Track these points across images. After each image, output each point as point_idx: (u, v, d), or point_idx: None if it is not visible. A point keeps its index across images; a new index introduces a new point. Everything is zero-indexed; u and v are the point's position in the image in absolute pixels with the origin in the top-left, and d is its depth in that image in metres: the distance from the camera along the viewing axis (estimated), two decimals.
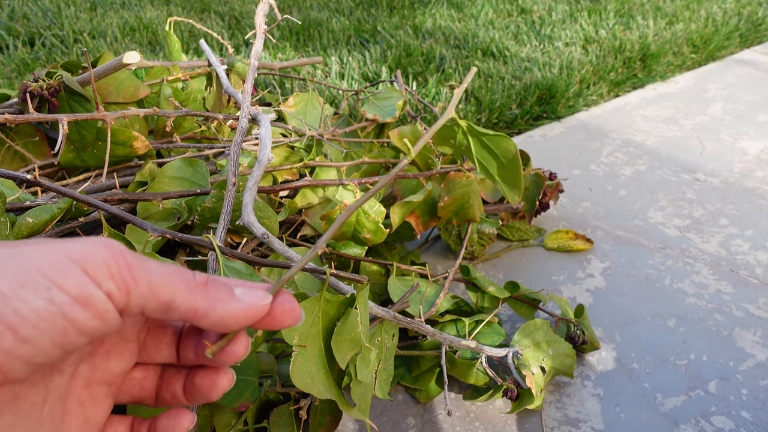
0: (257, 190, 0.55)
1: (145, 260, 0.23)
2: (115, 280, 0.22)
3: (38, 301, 0.20)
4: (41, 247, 0.22)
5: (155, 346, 0.28)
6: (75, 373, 0.25)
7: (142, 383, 0.28)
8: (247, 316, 0.25)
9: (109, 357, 0.26)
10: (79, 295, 0.21)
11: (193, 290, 0.24)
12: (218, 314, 0.24)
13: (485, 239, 0.88)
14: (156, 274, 0.23)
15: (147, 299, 0.23)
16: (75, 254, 0.21)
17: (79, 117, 0.64)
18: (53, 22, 1.72)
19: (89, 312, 0.21)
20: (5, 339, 0.19)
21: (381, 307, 0.55)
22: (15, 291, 0.20)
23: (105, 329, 0.22)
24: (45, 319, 0.20)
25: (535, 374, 0.63)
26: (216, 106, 0.88)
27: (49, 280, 0.20)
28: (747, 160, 1.17)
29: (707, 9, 1.96)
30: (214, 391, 0.28)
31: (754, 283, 0.84)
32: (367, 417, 0.51)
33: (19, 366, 0.20)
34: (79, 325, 0.21)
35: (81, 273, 0.21)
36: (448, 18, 1.87)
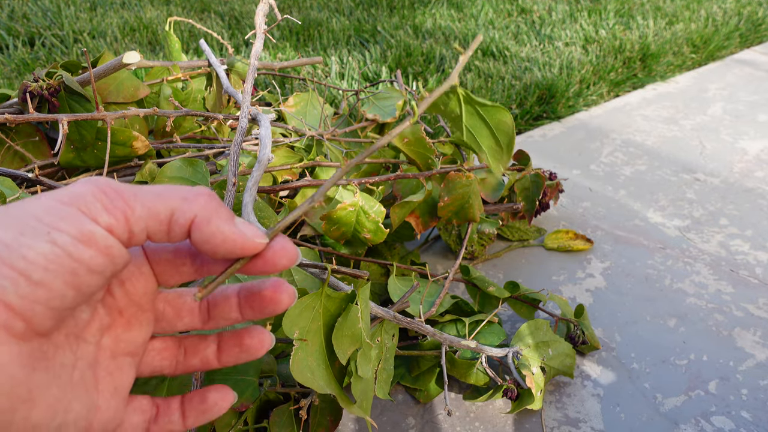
0: (257, 190, 0.55)
1: (135, 186, 0.23)
2: (110, 211, 0.22)
3: (42, 245, 0.20)
4: (32, 199, 0.22)
5: (176, 314, 0.28)
6: (100, 344, 0.26)
7: (162, 353, 0.29)
8: (237, 244, 0.24)
9: (130, 327, 0.27)
10: (79, 234, 0.21)
11: (191, 200, 0.24)
12: (211, 229, 0.24)
13: (485, 239, 0.88)
14: (149, 194, 0.23)
15: (147, 221, 0.23)
16: (65, 197, 0.22)
17: (79, 117, 0.64)
18: (53, 22, 1.72)
19: (93, 249, 0.21)
20: (20, 284, 0.20)
21: (381, 307, 0.55)
22: (17, 239, 0.20)
23: (113, 265, 0.23)
24: (53, 261, 0.20)
25: (535, 374, 0.63)
26: (216, 106, 0.88)
27: (47, 225, 0.21)
28: (747, 160, 1.17)
29: (707, 9, 1.96)
30: (262, 348, 0.28)
31: (754, 283, 0.84)
32: (369, 414, 0.51)
33: (40, 311, 0.21)
34: (87, 263, 0.21)
35: (77, 212, 0.21)
36: (448, 18, 1.87)
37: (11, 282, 0.20)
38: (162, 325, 0.28)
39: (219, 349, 0.29)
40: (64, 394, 0.23)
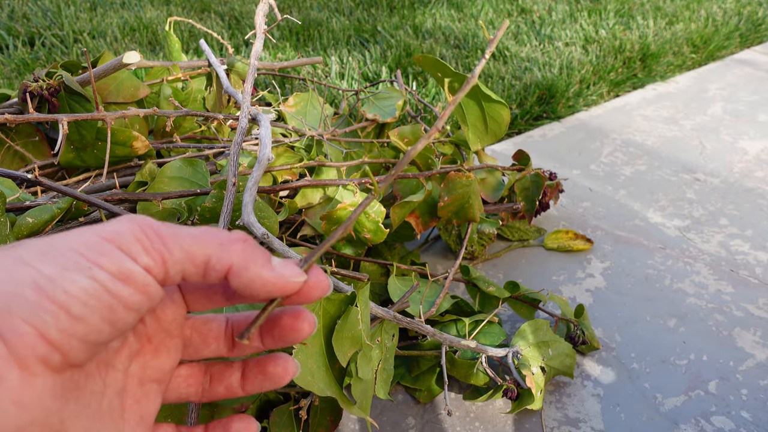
0: (257, 190, 0.55)
1: (174, 227, 0.24)
2: (149, 253, 0.22)
3: (84, 281, 0.21)
4: (75, 232, 0.22)
5: (202, 341, 0.28)
6: (128, 371, 0.26)
7: (188, 380, 0.29)
8: (277, 287, 0.25)
9: (158, 354, 0.27)
10: (118, 271, 0.22)
11: (227, 247, 0.24)
12: (249, 276, 0.24)
13: (485, 239, 0.88)
14: (187, 238, 0.23)
15: (184, 264, 0.23)
16: (107, 234, 0.22)
17: (79, 117, 0.64)
18: (53, 22, 1.72)
19: (131, 287, 0.22)
20: (60, 318, 0.20)
21: (381, 307, 0.55)
22: (60, 274, 0.21)
23: (149, 302, 0.23)
24: (92, 296, 0.21)
25: (535, 374, 0.63)
26: (216, 106, 0.88)
27: (89, 261, 0.21)
28: (747, 160, 1.17)
29: (707, 9, 1.96)
30: (286, 376, 0.28)
31: (754, 283, 0.84)
32: (368, 415, 0.51)
33: (76, 345, 0.21)
34: (125, 300, 0.22)
35: (117, 250, 0.22)
36: (448, 18, 1.87)
37: (52, 316, 0.20)
38: (189, 352, 0.28)
39: (243, 377, 0.29)
40: (92, 424, 0.24)
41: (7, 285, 0.20)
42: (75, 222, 0.59)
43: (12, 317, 0.20)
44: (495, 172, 0.89)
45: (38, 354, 0.20)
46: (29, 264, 0.21)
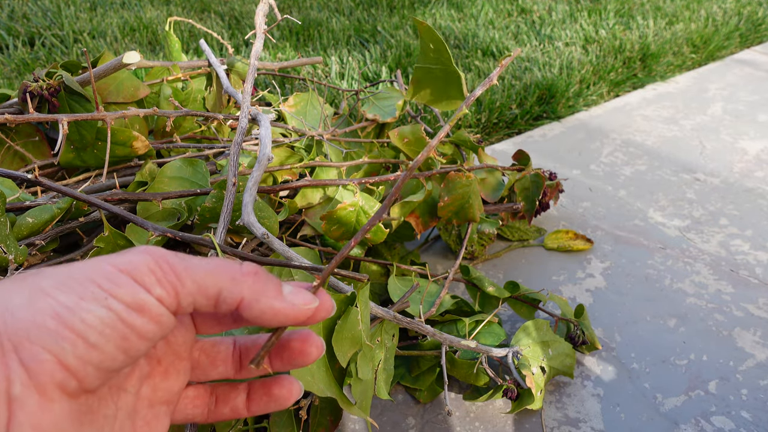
0: (257, 190, 0.55)
1: (188, 259, 0.25)
2: (162, 284, 0.23)
3: (100, 310, 0.22)
4: (92, 263, 0.23)
5: (210, 363, 0.29)
6: (139, 394, 0.27)
7: (194, 401, 0.29)
8: (288, 317, 0.25)
9: (168, 376, 0.27)
10: (133, 302, 0.22)
11: (239, 281, 0.25)
12: (261, 307, 0.25)
13: (485, 239, 0.88)
14: (200, 271, 0.24)
15: (196, 296, 0.24)
16: (122, 265, 0.23)
17: (79, 117, 0.64)
18: (53, 22, 1.72)
19: (145, 317, 0.23)
20: (78, 346, 0.21)
21: (381, 307, 0.55)
22: (78, 303, 0.22)
23: (162, 332, 0.24)
24: (108, 325, 0.22)
25: (535, 374, 0.63)
26: (216, 106, 0.88)
27: (105, 291, 0.22)
28: (747, 160, 1.17)
29: (707, 9, 1.96)
30: (290, 398, 0.29)
31: (754, 283, 0.84)
32: (368, 415, 0.51)
33: (92, 372, 0.22)
34: (138, 329, 0.23)
35: (131, 282, 0.23)
36: (448, 18, 1.87)
37: (70, 344, 0.21)
38: (197, 374, 0.29)
39: (249, 398, 0.29)
40: None
41: (27, 313, 0.21)
42: (75, 222, 0.59)
43: (32, 345, 0.21)
44: (495, 172, 0.89)
45: (56, 380, 0.21)
46: (49, 294, 0.22)
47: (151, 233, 0.50)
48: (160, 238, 0.54)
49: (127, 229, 0.58)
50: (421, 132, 0.77)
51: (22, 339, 0.21)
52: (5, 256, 0.50)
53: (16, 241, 0.53)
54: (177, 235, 0.50)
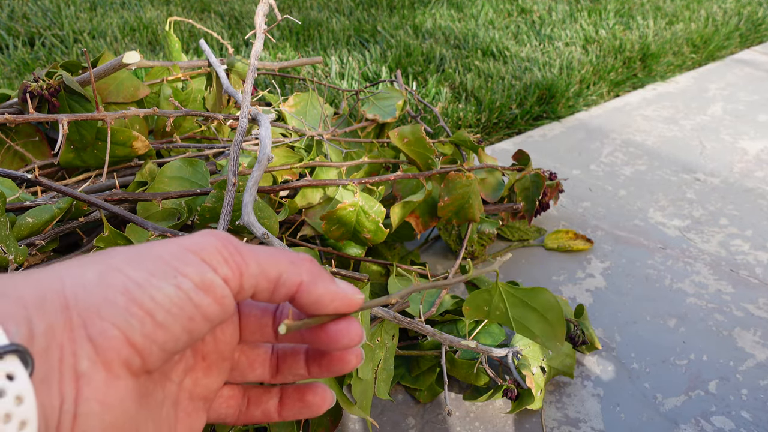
0: (257, 190, 0.55)
1: (250, 245, 0.25)
2: (229, 264, 0.24)
3: (169, 288, 0.22)
4: (161, 242, 0.24)
5: (249, 365, 0.29)
6: (182, 385, 0.27)
7: (228, 401, 0.29)
8: (343, 303, 0.26)
9: (209, 373, 0.28)
10: (201, 281, 0.23)
11: (298, 264, 0.25)
12: (319, 291, 0.25)
13: (485, 239, 0.88)
14: (262, 254, 0.25)
15: (258, 278, 0.24)
16: (191, 245, 0.23)
17: (79, 117, 0.64)
18: (53, 22, 1.72)
19: (210, 297, 0.23)
20: (145, 324, 0.21)
21: (381, 307, 0.55)
22: (148, 280, 0.22)
23: (224, 315, 0.24)
24: (176, 304, 0.22)
25: (535, 374, 0.63)
26: (216, 106, 0.88)
27: (174, 269, 0.22)
28: (747, 160, 1.17)
29: (707, 9, 1.96)
30: (324, 405, 0.29)
31: (754, 283, 0.84)
32: (368, 415, 0.51)
33: (156, 351, 0.22)
34: (204, 310, 0.23)
35: (200, 261, 0.23)
36: (448, 18, 1.87)
37: (138, 321, 0.21)
38: (234, 374, 0.29)
39: (281, 403, 0.30)
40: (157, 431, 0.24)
41: (98, 288, 0.21)
42: (75, 222, 0.59)
43: (102, 321, 0.21)
44: (495, 172, 0.89)
45: (122, 357, 0.21)
46: (120, 269, 0.22)
47: (151, 233, 0.50)
48: (160, 237, 0.54)
49: (127, 229, 0.58)
50: (421, 132, 0.77)
51: (92, 314, 0.21)
52: (5, 256, 0.50)
53: (16, 241, 0.53)
54: (177, 235, 0.50)
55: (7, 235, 0.51)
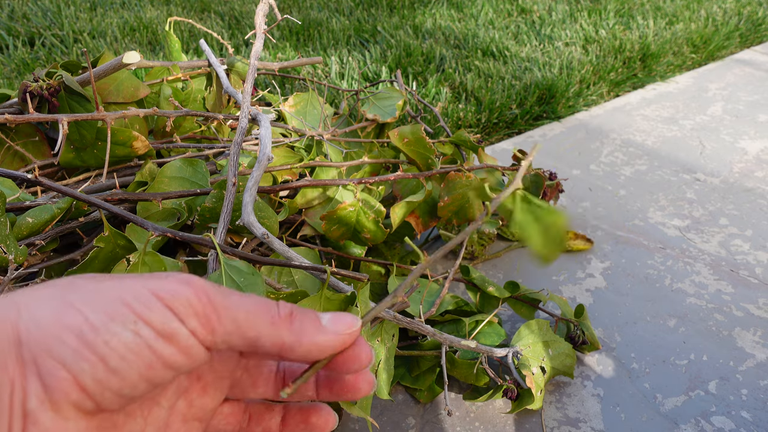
0: (257, 190, 0.55)
1: (228, 295, 0.23)
2: (199, 318, 0.22)
3: (126, 334, 0.21)
4: (125, 281, 0.22)
5: (251, 383, 0.28)
6: (173, 408, 0.26)
7: (228, 418, 0.28)
8: (335, 347, 0.25)
9: (205, 393, 0.26)
10: (162, 329, 0.21)
11: (278, 325, 0.24)
12: (305, 348, 0.24)
13: (485, 239, 0.88)
14: (240, 311, 0.23)
15: (232, 336, 0.23)
16: (158, 290, 0.22)
17: (79, 117, 0.64)
18: (53, 22, 1.72)
19: (173, 347, 0.22)
20: (97, 369, 0.20)
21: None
22: (105, 323, 0.21)
23: (191, 364, 0.23)
24: (132, 350, 0.21)
25: (535, 374, 0.63)
26: (216, 106, 0.88)
27: (135, 314, 0.21)
28: (747, 160, 1.17)
29: (707, 9, 1.96)
30: (327, 428, 0.28)
31: (754, 283, 0.84)
32: (369, 415, 0.51)
33: (110, 396, 0.21)
34: (165, 359, 0.22)
35: (165, 309, 0.22)
36: (448, 18, 1.87)
37: (90, 365, 0.20)
38: (235, 392, 0.28)
39: (283, 422, 0.29)
40: None
41: (52, 326, 0.20)
42: (75, 222, 0.59)
43: (52, 360, 0.20)
44: (495, 172, 0.89)
45: (71, 399, 0.20)
46: (77, 308, 0.21)
47: (152, 233, 0.50)
48: (160, 237, 0.54)
49: (127, 228, 0.58)
50: (421, 132, 0.77)
51: (43, 352, 0.20)
52: (5, 256, 0.50)
53: (16, 240, 0.53)
54: (177, 235, 0.50)
55: (7, 235, 0.51)
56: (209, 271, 0.50)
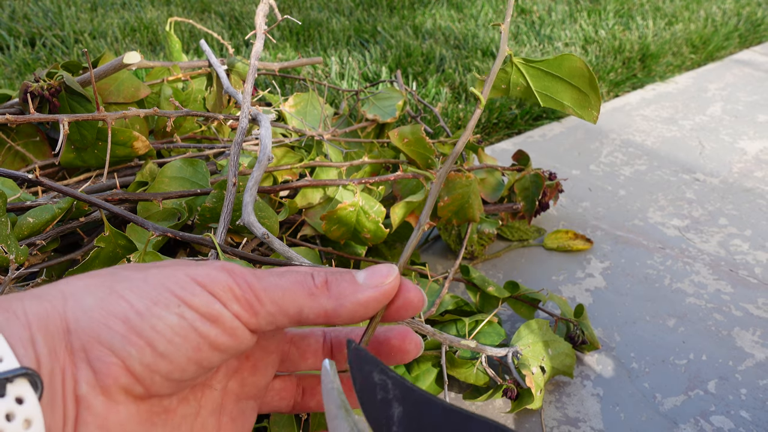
0: (257, 190, 0.55)
1: (264, 277, 0.23)
2: (240, 302, 0.22)
3: (171, 317, 0.21)
4: (167, 269, 0.23)
5: (300, 356, 0.28)
6: (226, 389, 0.26)
7: (281, 393, 0.28)
8: (379, 300, 0.24)
9: (256, 371, 0.27)
10: (207, 312, 0.22)
11: (317, 295, 0.24)
12: (348, 310, 0.24)
13: (485, 239, 0.88)
14: (278, 290, 0.23)
15: (276, 316, 0.23)
16: (199, 276, 0.22)
17: (80, 117, 0.64)
18: (54, 22, 1.72)
19: (218, 328, 0.22)
20: (145, 354, 0.21)
21: None
22: (150, 308, 0.21)
23: (238, 346, 0.23)
24: (178, 333, 0.21)
25: (534, 374, 0.63)
26: (216, 107, 0.88)
27: (178, 298, 0.22)
28: (746, 160, 1.17)
29: (706, 9, 1.96)
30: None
31: (754, 283, 0.85)
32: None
33: (159, 381, 0.21)
34: (211, 340, 0.22)
35: (206, 293, 0.22)
36: (448, 18, 1.87)
37: (137, 350, 0.21)
38: (285, 366, 0.28)
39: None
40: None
41: (99, 314, 0.21)
42: (76, 222, 0.59)
43: (101, 347, 0.21)
44: (495, 172, 0.89)
45: (121, 384, 0.21)
46: (122, 296, 0.21)
47: (152, 233, 0.51)
48: (160, 237, 0.54)
49: (128, 228, 0.58)
50: (421, 132, 0.77)
51: (92, 339, 0.20)
52: (6, 255, 0.50)
53: (17, 240, 0.53)
54: (177, 235, 0.50)
55: (8, 235, 0.51)
56: None
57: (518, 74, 0.42)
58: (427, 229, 0.27)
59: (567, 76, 0.42)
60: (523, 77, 0.42)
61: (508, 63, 0.41)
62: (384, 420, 0.22)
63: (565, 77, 0.41)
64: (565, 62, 0.41)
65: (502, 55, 0.27)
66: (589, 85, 0.41)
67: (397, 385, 0.22)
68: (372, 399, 0.22)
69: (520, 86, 0.43)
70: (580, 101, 0.42)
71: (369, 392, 0.22)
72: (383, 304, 0.25)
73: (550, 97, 0.43)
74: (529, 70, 0.42)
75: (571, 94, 0.43)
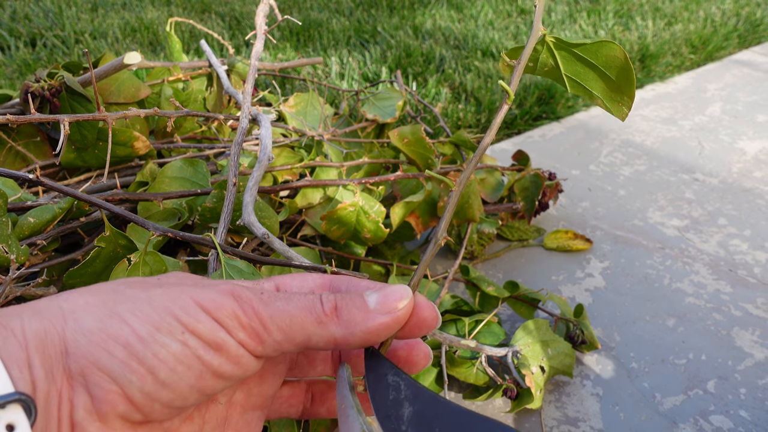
0: (258, 190, 0.55)
1: (271, 302, 0.23)
2: (246, 330, 0.22)
3: (174, 345, 0.20)
4: (172, 291, 0.22)
5: (309, 363, 0.28)
6: (231, 401, 0.25)
7: (290, 400, 0.28)
8: (391, 327, 0.23)
9: (263, 381, 0.26)
10: (211, 339, 0.21)
11: (325, 323, 0.23)
12: (358, 339, 0.23)
13: (485, 239, 0.89)
14: (285, 317, 0.22)
15: (282, 344, 0.23)
16: (204, 301, 0.22)
17: (81, 117, 0.64)
18: (55, 22, 1.72)
19: (223, 357, 0.21)
20: (145, 382, 0.20)
21: None
22: (152, 334, 0.20)
23: (242, 374, 0.22)
24: (181, 362, 0.21)
25: (534, 374, 0.63)
26: (216, 107, 0.88)
27: (182, 324, 0.21)
28: (745, 160, 1.17)
29: (706, 10, 1.96)
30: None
31: (753, 283, 0.85)
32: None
33: (159, 409, 0.21)
34: (214, 369, 0.21)
35: (211, 320, 0.21)
36: (448, 18, 1.87)
37: (138, 377, 0.20)
38: (294, 373, 0.28)
39: None
40: None
41: (99, 337, 0.20)
42: (76, 222, 0.60)
43: (100, 372, 0.20)
44: (495, 172, 0.89)
45: (119, 412, 0.20)
46: (123, 319, 0.21)
47: (152, 233, 0.51)
48: (161, 237, 0.54)
49: (128, 228, 0.58)
50: (420, 132, 0.77)
51: (91, 364, 0.20)
52: (7, 255, 0.50)
53: (18, 240, 0.53)
54: (178, 235, 0.50)
55: (9, 235, 0.51)
56: (210, 270, 0.50)
57: (548, 54, 0.38)
58: (442, 242, 0.26)
59: (602, 64, 0.38)
60: (553, 57, 0.39)
61: (540, 40, 0.37)
62: (394, 419, 0.22)
63: (600, 65, 0.38)
64: (603, 49, 0.37)
65: (536, 35, 0.25)
66: (626, 79, 0.37)
67: (410, 386, 0.22)
68: (384, 399, 0.22)
69: (548, 66, 0.40)
70: (611, 94, 0.39)
71: (382, 392, 0.22)
72: (395, 331, 0.24)
73: (579, 84, 0.39)
74: (562, 51, 0.38)
75: (603, 84, 0.39)
